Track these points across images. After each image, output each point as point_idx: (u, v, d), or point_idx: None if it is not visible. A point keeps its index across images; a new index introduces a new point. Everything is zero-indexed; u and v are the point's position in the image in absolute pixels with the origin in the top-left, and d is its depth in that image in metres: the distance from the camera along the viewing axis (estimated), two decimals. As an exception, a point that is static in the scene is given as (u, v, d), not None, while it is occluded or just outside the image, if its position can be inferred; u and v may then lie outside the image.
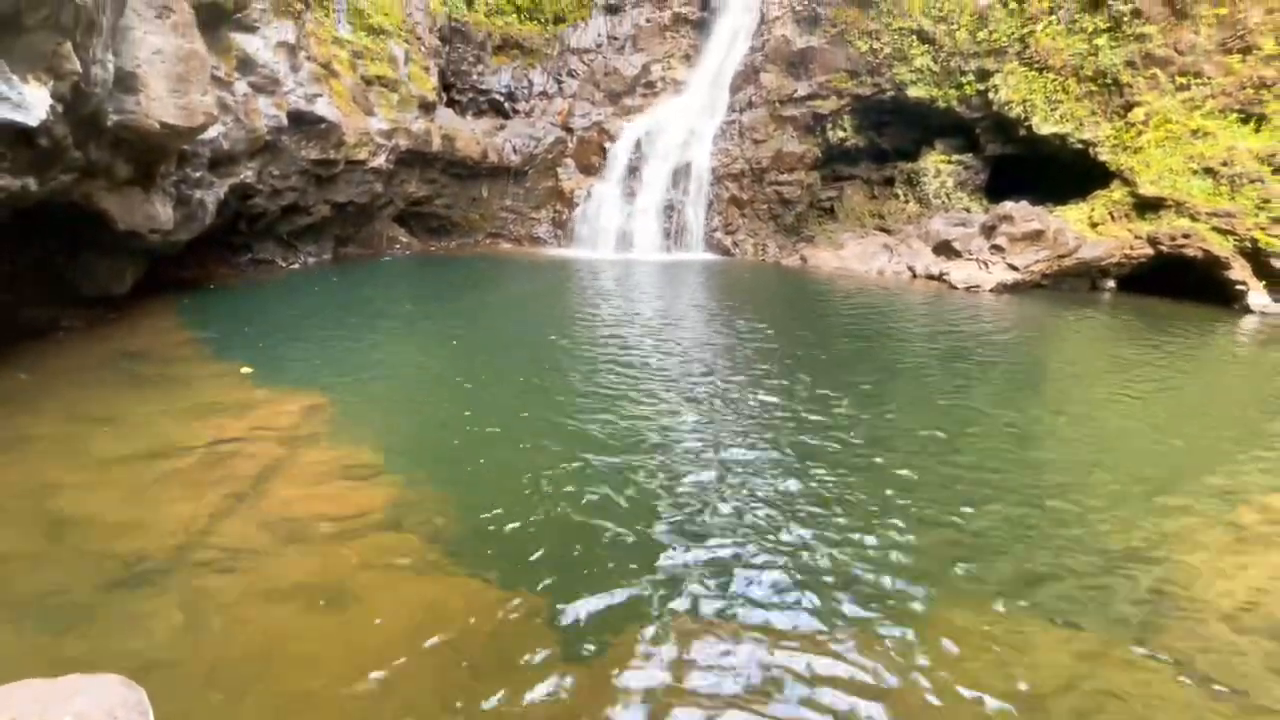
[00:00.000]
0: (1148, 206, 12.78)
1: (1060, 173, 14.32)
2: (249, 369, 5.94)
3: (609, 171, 16.78)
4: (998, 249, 13.13)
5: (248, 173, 9.48)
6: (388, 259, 13.82)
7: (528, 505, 3.87)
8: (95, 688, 1.86)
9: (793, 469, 4.54)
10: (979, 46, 14.54)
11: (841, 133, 16.33)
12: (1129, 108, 13.17)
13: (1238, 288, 11.71)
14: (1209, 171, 12.28)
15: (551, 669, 2.64)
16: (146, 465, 4.15)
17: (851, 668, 2.73)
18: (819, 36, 15.99)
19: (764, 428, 5.29)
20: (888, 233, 15.58)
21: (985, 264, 13.13)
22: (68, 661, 2.48)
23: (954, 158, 15.61)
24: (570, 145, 17.33)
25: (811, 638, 2.90)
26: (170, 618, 2.84)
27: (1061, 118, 13.80)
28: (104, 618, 2.82)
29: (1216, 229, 11.96)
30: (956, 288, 12.86)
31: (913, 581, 3.33)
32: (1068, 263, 12.98)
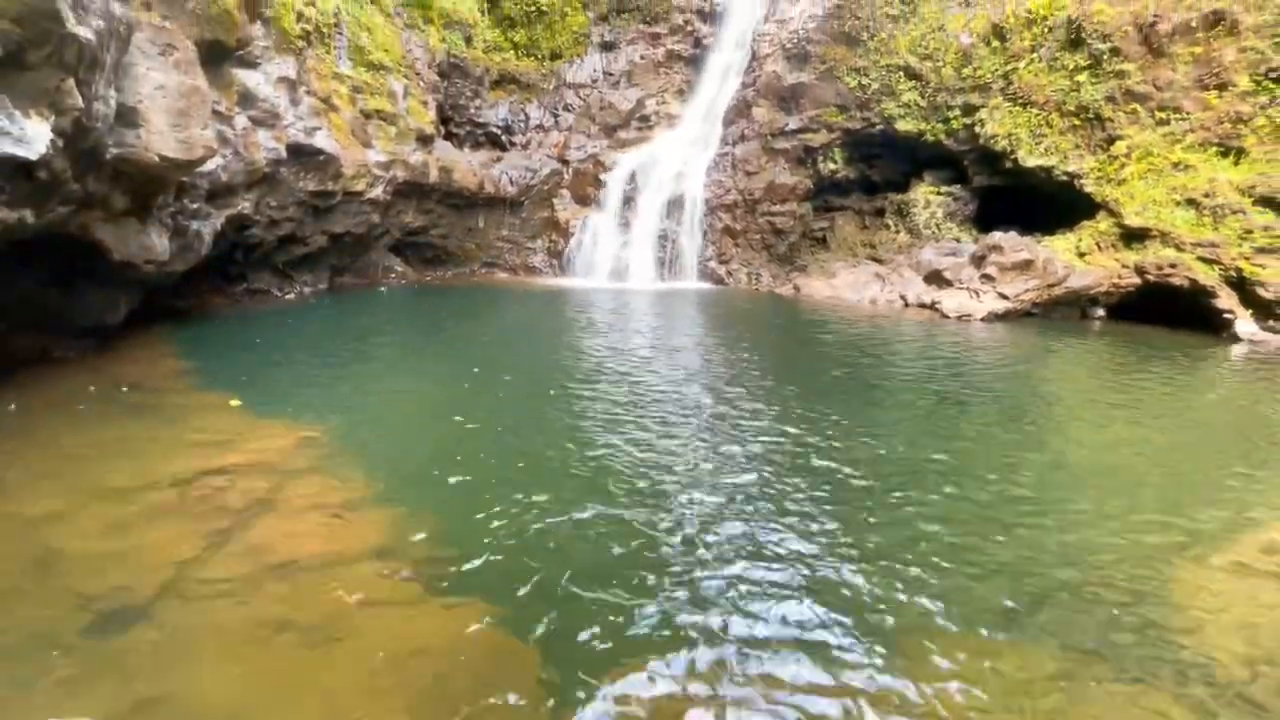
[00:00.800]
0: (1133, 237, 13.01)
1: (1047, 203, 14.60)
2: (238, 401, 5.89)
3: (604, 202, 17.01)
4: (988, 278, 13.30)
5: (245, 204, 9.56)
6: (383, 289, 13.87)
7: (521, 540, 3.82)
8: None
9: (789, 499, 4.51)
10: (964, 82, 14.96)
11: (832, 165, 16.66)
12: (1111, 141, 13.50)
13: (1225, 316, 11.86)
14: (1192, 203, 12.55)
15: (541, 710, 2.58)
16: (134, 498, 4.09)
17: (848, 702, 2.67)
18: (809, 73, 16.42)
19: (761, 459, 5.27)
20: (879, 262, 15.77)
21: (976, 293, 13.28)
22: (46, 706, 2.40)
23: (943, 189, 15.91)
24: (566, 177, 17.59)
25: (812, 683, 2.84)
26: (151, 657, 2.76)
27: (1046, 151, 14.13)
28: (85, 658, 2.74)
29: (1202, 259, 12.17)
30: (949, 316, 12.98)
31: (917, 617, 3.29)
32: (1057, 291, 13.14)
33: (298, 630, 2.97)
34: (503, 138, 18.44)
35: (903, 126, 15.66)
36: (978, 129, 14.78)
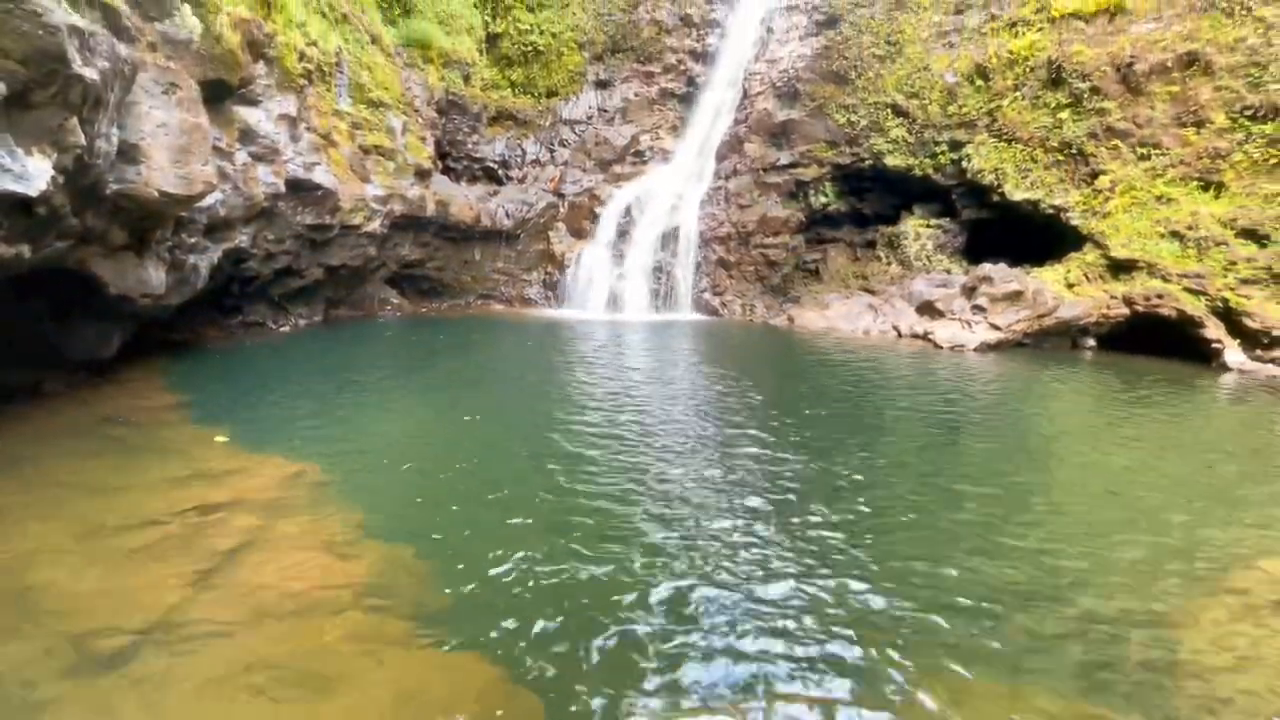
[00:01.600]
0: (1120, 268, 13.23)
1: (1036, 235, 14.86)
2: (224, 437, 5.81)
3: (599, 235, 17.22)
4: (979, 309, 13.44)
5: (243, 237, 9.63)
6: (379, 321, 13.89)
7: (515, 580, 3.76)
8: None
9: (787, 533, 4.46)
10: (950, 119, 15.36)
11: (824, 198, 16.96)
12: (1095, 175, 13.83)
13: (1214, 346, 11.99)
14: (1176, 235, 12.81)
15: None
16: (122, 536, 4.02)
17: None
18: (799, 110, 16.85)
19: (757, 493, 5.23)
20: (872, 293, 15.94)
21: (968, 323, 13.40)
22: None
23: (932, 222, 16.19)
24: (562, 210, 17.83)
25: None
26: (137, 701, 2.68)
27: (1032, 185, 14.45)
28: (68, 700, 2.65)
29: (1188, 289, 12.36)
30: (941, 346, 13.07)
31: (917, 653, 3.23)
32: (1048, 322, 13.28)
33: (286, 673, 2.90)
34: (499, 172, 18.73)
35: (891, 161, 16.01)
36: (965, 164, 15.12)
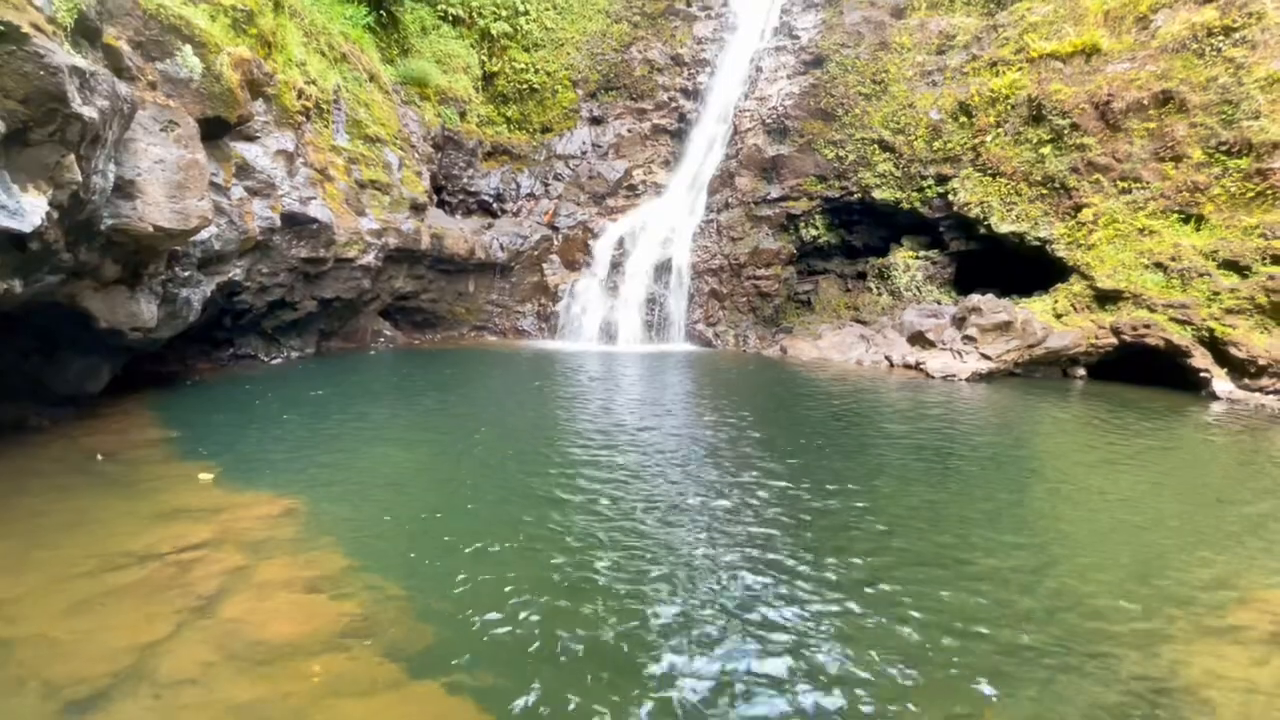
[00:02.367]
0: (1107, 298, 13.42)
1: (1023, 266, 15.09)
2: (213, 472, 5.73)
3: (593, 267, 17.36)
4: (970, 339, 13.56)
5: (236, 271, 9.65)
6: (372, 353, 13.86)
7: (507, 623, 3.67)
8: None
9: (781, 569, 4.40)
10: (936, 154, 15.73)
11: (814, 231, 17.22)
12: (1078, 208, 14.13)
13: (1202, 375, 12.11)
14: (1159, 266, 13.04)
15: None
16: (101, 576, 3.92)
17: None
18: (788, 145, 17.22)
19: (753, 531, 5.18)
20: (863, 324, 16.07)
21: (959, 354, 13.50)
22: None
23: (921, 253, 16.43)
24: (556, 242, 18.01)
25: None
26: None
27: (1017, 218, 14.73)
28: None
29: (1174, 319, 12.54)
30: (933, 376, 13.13)
31: (914, 682, 3.16)
32: (1038, 352, 13.40)
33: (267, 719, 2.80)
34: (494, 205, 18.96)
35: (880, 195, 16.33)
36: (951, 197, 15.43)
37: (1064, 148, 14.32)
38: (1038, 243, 14.48)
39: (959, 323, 13.95)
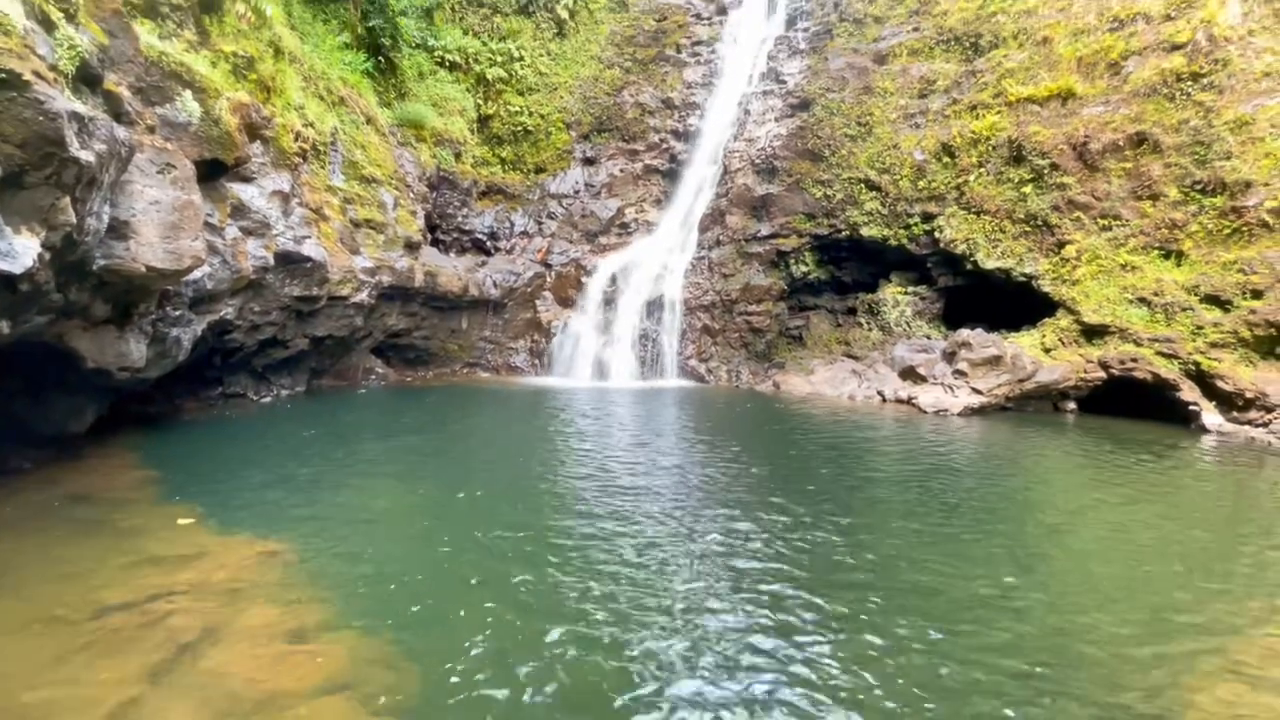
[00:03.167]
0: (1093, 333, 13.60)
1: (1011, 300, 15.31)
2: (193, 518, 5.56)
3: (586, 303, 17.48)
4: (961, 374, 13.64)
5: (228, 310, 9.63)
6: (363, 390, 13.77)
7: (495, 677, 3.56)
8: None
9: (777, 612, 4.31)
10: (921, 193, 16.10)
11: (804, 267, 17.46)
12: (1061, 245, 14.43)
13: (1191, 408, 12.19)
14: (1143, 301, 13.26)
15: None
16: (78, 626, 3.78)
17: None
18: (777, 185, 17.60)
19: (750, 574, 5.09)
20: (855, 359, 16.16)
21: (951, 388, 13.56)
22: None
23: (910, 289, 16.66)
24: (549, 279, 18.15)
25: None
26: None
27: (1002, 254, 15.02)
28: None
29: (1160, 353, 12.69)
30: (926, 411, 13.16)
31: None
32: (1028, 386, 13.48)
33: (241, 783, 2.67)
34: (488, 243, 19.16)
35: (867, 232, 16.63)
36: (937, 234, 15.74)
37: (1045, 187, 14.70)
38: (1023, 278, 14.72)
39: (949, 357, 14.06)
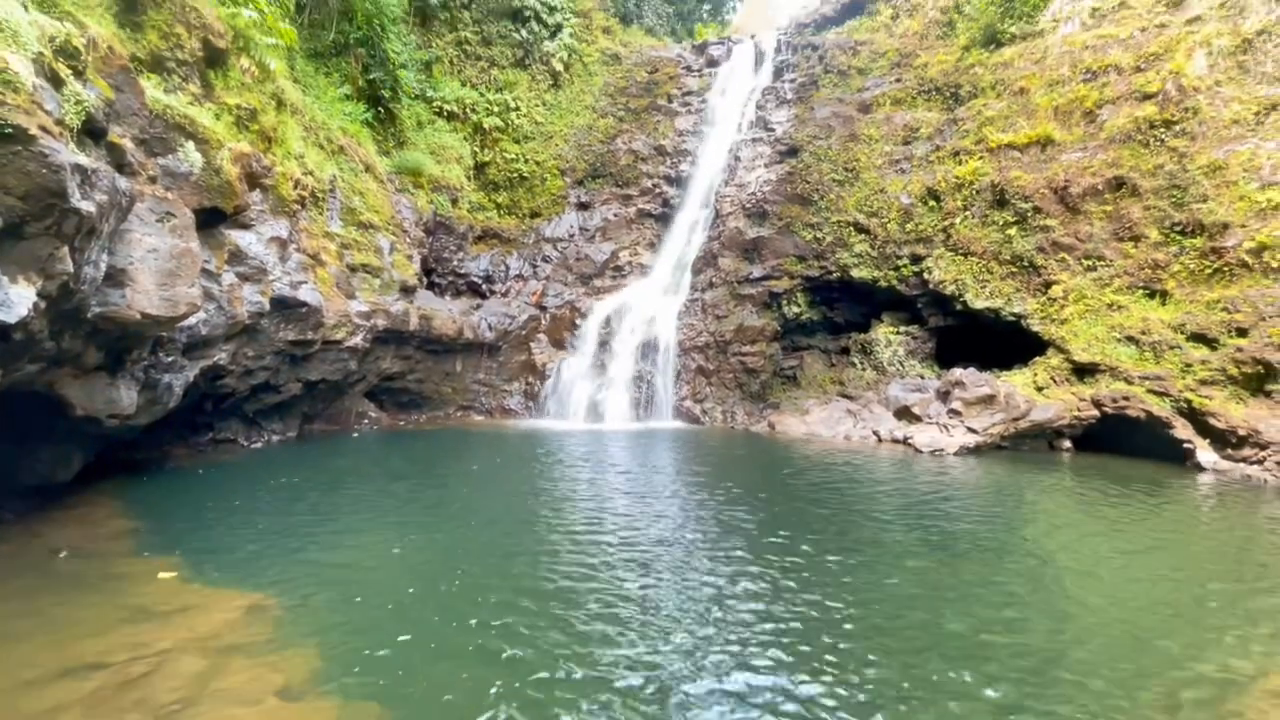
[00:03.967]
0: (1085, 371, 13.70)
1: (1003, 339, 15.46)
2: (170, 574, 5.36)
3: (580, 345, 17.53)
4: (955, 413, 13.66)
5: (222, 355, 9.61)
6: (355, 435, 13.63)
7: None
8: None
9: (777, 668, 4.20)
10: (909, 235, 16.44)
11: (796, 308, 17.65)
12: (1048, 285, 14.68)
13: (1185, 446, 12.20)
14: (1131, 339, 13.42)
15: None
16: (52, 688, 3.63)
17: None
18: (767, 228, 17.95)
19: (753, 633, 4.98)
20: (849, 398, 16.18)
21: (946, 428, 13.56)
22: None
23: (902, 329, 16.82)
24: (543, 322, 18.25)
25: None
26: None
27: (991, 294, 15.24)
28: None
29: (1151, 391, 12.76)
30: (922, 451, 13.11)
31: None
32: (1023, 424, 13.49)
33: None
34: (483, 286, 19.33)
35: (858, 274, 16.89)
36: (926, 275, 16.00)
37: (1029, 229, 15.05)
38: (1013, 318, 14.91)
39: (943, 396, 14.10)
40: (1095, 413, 13.26)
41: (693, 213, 19.92)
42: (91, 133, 5.62)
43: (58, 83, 5.00)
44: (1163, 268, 13.50)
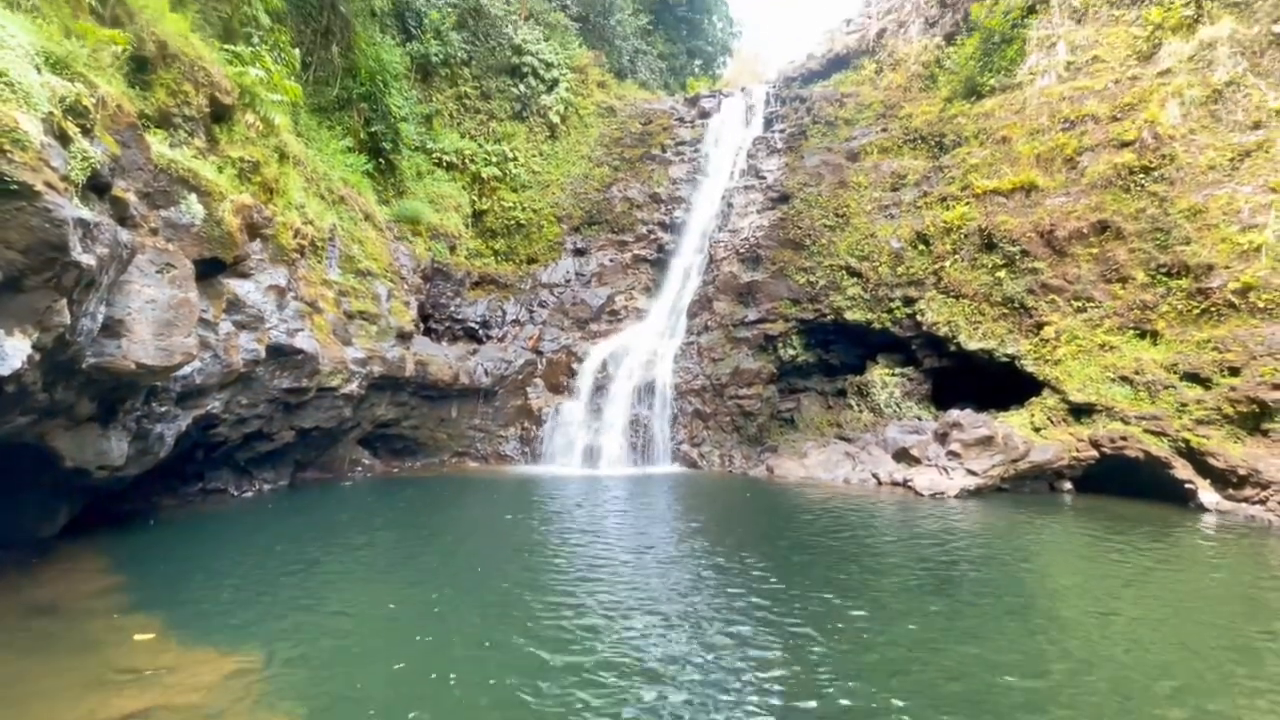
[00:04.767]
0: (1081, 411, 13.71)
1: (999, 379, 15.50)
2: (149, 635, 5.14)
3: (577, 390, 17.50)
4: (954, 455, 13.58)
5: (215, 403, 9.54)
6: (348, 483, 13.43)
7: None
8: None
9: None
10: (900, 278, 16.68)
11: (792, 351, 17.74)
12: (1039, 326, 14.83)
13: (1187, 486, 12.11)
14: (1125, 379, 13.48)
15: None
16: (16, 762, 3.46)
17: None
18: (761, 272, 18.21)
19: (757, 695, 4.82)
20: (847, 441, 16.09)
21: (945, 470, 13.45)
22: None
23: (897, 370, 16.89)
24: (540, 366, 18.26)
25: None
26: None
27: (984, 335, 15.38)
28: None
29: (1149, 430, 12.75)
30: (922, 494, 12.97)
31: None
32: (1023, 466, 13.41)
33: None
34: (480, 332, 19.41)
35: (851, 316, 17.06)
36: (919, 317, 16.16)
37: (1017, 271, 15.30)
38: (1006, 358, 15.00)
39: (941, 438, 14.04)
40: (1094, 453, 13.21)
41: (687, 258, 20.23)
42: (96, 187, 5.71)
43: (65, 140, 5.11)
44: (1151, 308, 13.68)
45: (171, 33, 8.79)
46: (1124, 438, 12.81)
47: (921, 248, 16.68)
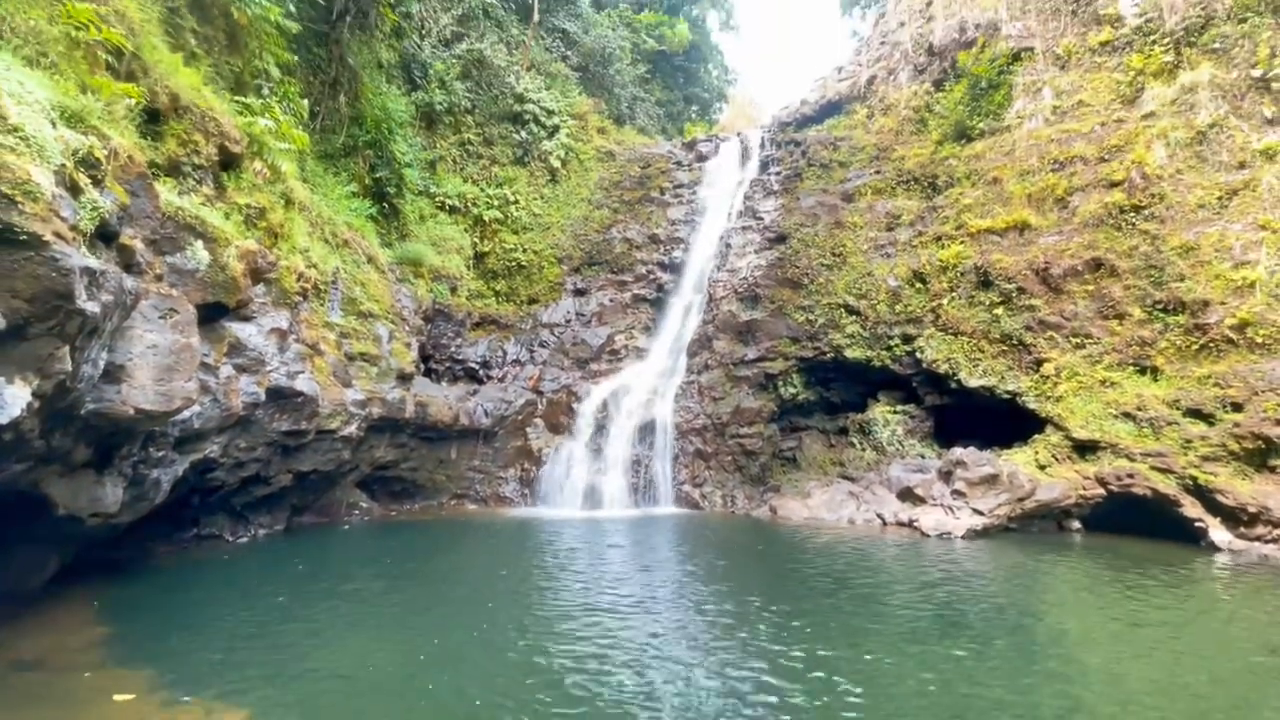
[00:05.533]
0: (1085, 448, 13.59)
1: (1001, 417, 15.41)
2: (128, 695, 4.91)
3: (577, 429, 17.39)
4: (959, 494, 13.41)
5: (214, 448, 9.46)
6: (345, 527, 13.21)
7: None
8: None
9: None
10: (898, 316, 16.78)
11: (792, 389, 17.70)
12: (1039, 363, 14.84)
13: (1197, 525, 11.92)
14: (1128, 415, 13.41)
15: None
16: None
17: None
18: (760, 311, 18.33)
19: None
20: (851, 480, 15.91)
21: (951, 509, 13.27)
22: None
23: (898, 408, 16.82)
24: (540, 406, 18.19)
25: None
26: None
27: (984, 372, 15.38)
28: None
29: (1155, 468, 12.61)
30: (929, 535, 12.76)
31: None
32: (1029, 505, 13.22)
33: None
34: (480, 372, 19.41)
35: (851, 354, 17.10)
36: (919, 354, 16.19)
37: (1015, 309, 15.41)
38: (1008, 395, 14.97)
39: (946, 477, 13.89)
40: (1101, 491, 13.04)
41: (687, 297, 20.40)
42: (104, 236, 5.79)
43: (76, 191, 5.21)
44: (1150, 344, 13.71)
45: (184, 85, 9.06)
46: (1130, 475, 12.67)
47: (919, 286, 16.84)
